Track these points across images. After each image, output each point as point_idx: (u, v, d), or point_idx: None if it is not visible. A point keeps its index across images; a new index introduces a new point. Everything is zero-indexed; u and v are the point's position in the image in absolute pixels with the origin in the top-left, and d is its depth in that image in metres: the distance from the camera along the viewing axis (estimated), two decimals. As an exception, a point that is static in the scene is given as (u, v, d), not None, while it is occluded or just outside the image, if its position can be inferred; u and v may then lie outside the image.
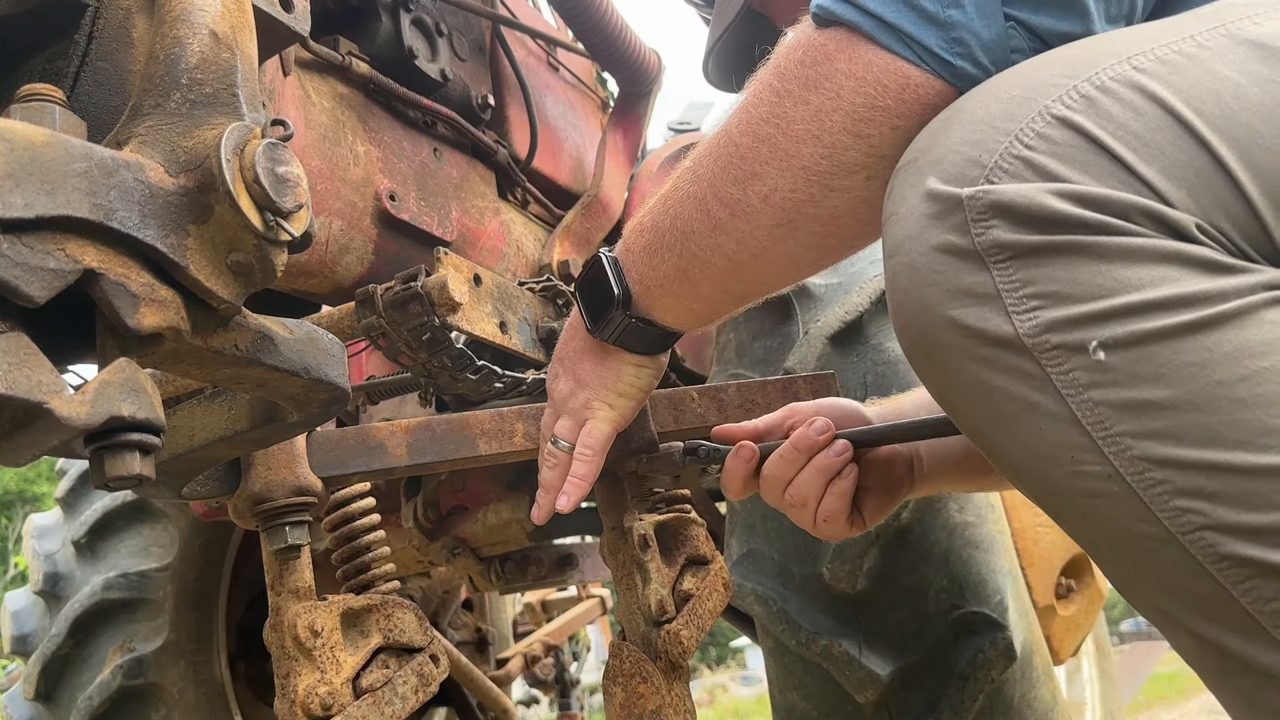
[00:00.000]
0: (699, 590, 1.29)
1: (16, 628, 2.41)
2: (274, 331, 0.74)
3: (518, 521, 2.30)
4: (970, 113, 0.75)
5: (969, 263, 0.71)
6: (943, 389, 0.78)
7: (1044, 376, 0.69)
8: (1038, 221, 0.68)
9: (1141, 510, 0.67)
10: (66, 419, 0.54)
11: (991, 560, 1.58)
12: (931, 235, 0.73)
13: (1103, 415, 0.67)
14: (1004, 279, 0.70)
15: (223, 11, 0.76)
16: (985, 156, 0.72)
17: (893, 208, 0.78)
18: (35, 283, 0.55)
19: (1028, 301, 0.69)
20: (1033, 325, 0.69)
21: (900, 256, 0.76)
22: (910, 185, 0.76)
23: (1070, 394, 0.68)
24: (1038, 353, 0.69)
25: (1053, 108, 0.71)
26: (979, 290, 0.71)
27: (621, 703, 1.21)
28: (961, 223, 0.71)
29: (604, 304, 1.05)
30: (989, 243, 0.70)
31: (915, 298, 0.75)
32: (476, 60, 1.89)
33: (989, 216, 0.70)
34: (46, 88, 0.71)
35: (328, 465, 1.09)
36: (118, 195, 0.61)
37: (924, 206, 0.74)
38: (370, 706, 1.01)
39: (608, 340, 1.07)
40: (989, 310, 0.70)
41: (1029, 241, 0.69)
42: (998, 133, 0.72)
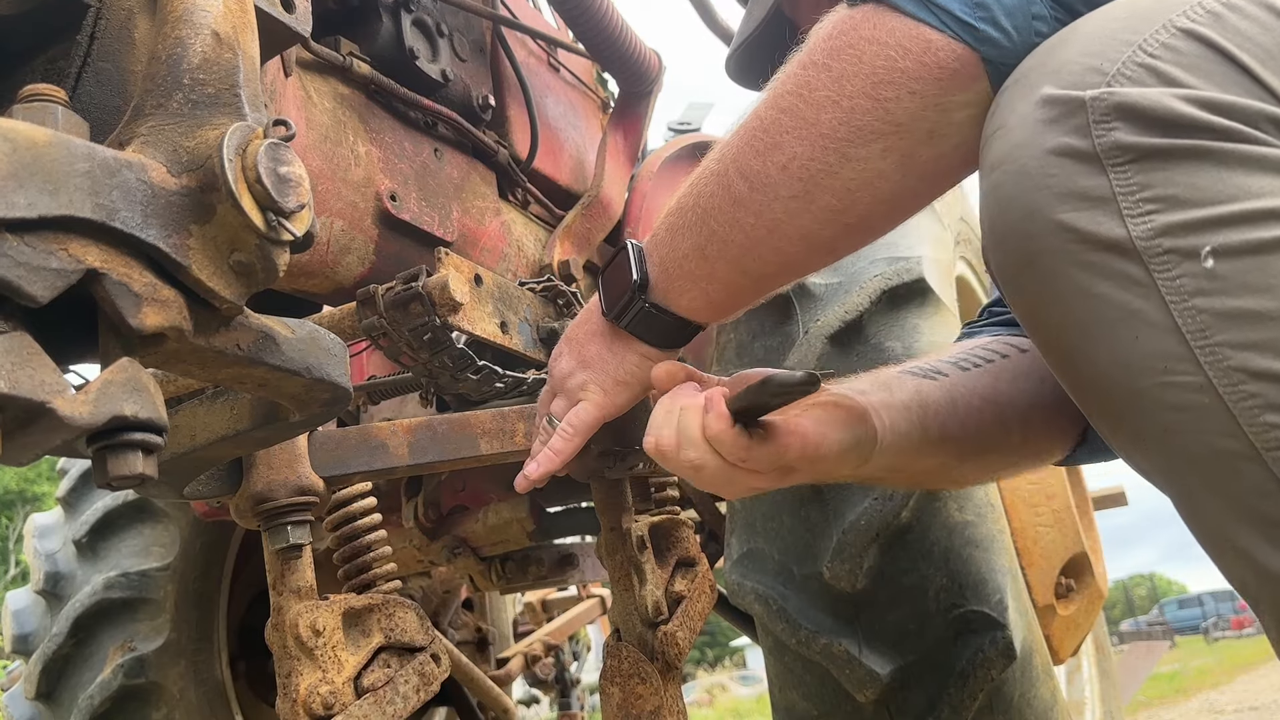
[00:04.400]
0: (690, 591, 1.29)
1: (17, 627, 2.41)
2: (276, 331, 0.74)
3: (518, 521, 2.30)
4: (1087, 31, 0.76)
5: (1086, 165, 0.71)
6: (1037, 300, 0.77)
7: (1150, 282, 0.69)
8: (1162, 124, 0.69)
9: (1229, 424, 0.67)
10: (69, 418, 0.55)
11: (991, 559, 1.58)
12: (1046, 139, 0.73)
13: (1204, 324, 0.67)
14: (1121, 182, 0.70)
15: (225, 12, 0.77)
16: (1107, 65, 0.72)
17: (999, 121, 0.79)
18: (38, 282, 0.55)
19: (1143, 205, 0.69)
20: (1146, 229, 0.69)
21: (1008, 165, 0.76)
22: (1021, 96, 0.77)
23: (1174, 301, 0.68)
24: (1147, 257, 0.69)
25: (1177, 21, 0.72)
26: (1094, 193, 0.71)
27: (619, 703, 1.21)
28: (1082, 124, 0.71)
29: (622, 288, 1.06)
30: (1110, 144, 0.70)
31: (1022, 204, 0.74)
32: (477, 61, 1.89)
33: (1112, 118, 0.70)
34: (49, 88, 0.71)
35: (329, 465, 1.09)
36: (120, 195, 0.62)
37: (1039, 113, 0.74)
38: (372, 705, 1.01)
39: (622, 325, 1.08)
40: (1102, 214, 0.70)
41: (1151, 144, 0.69)
42: (1120, 44, 0.73)
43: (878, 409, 1.09)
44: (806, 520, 1.63)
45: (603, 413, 1.12)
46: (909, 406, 1.13)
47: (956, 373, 1.23)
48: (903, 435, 1.11)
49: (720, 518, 2.19)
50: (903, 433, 1.11)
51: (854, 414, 1.06)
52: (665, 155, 2.40)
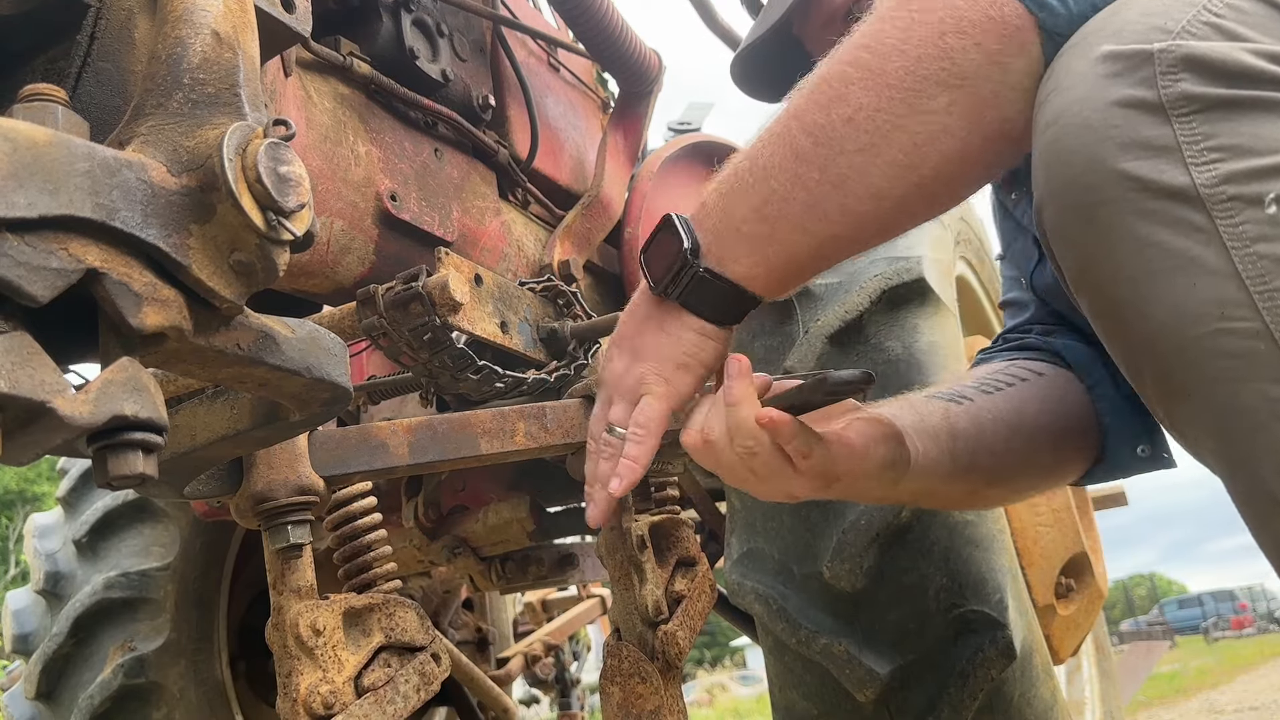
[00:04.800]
0: (690, 591, 1.30)
1: (18, 627, 2.41)
2: (276, 331, 0.74)
3: (518, 521, 2.30)
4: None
5: (1151, 116, 0.73)
6: (1093, 254, 0.78)
7: (1211, 229, 0.70)
8: (1229, 76, 0.71)
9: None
10: (69, 418, 0.55)
11: (991, 559, 1.58)
12: (1110, 92, 0.75)
13: (1265, 269, 0.69)
14: (1185, 131, 0.71)
15: (225, 11, 0.77)
16: (1171, 24, 0.74)
17: (1055, 82, 0.80)
18: (38, 282, 0.55)
19: (1208, 154, 0.71)
20: (1210, 176, 0.70)
21: (1068, 119, 0.77)
22: (1080, 56, 0.79)
23: (1236, 247, 0.69)
24: (1210, 204, 0.70)
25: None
26: (1158, 143, 0.72)
27: (619, 702, 1.21)
28: (1149, 76, 0.73)
29: (670, 256, 1.01)
30: (1176, 95, 0.72)
31: (1084, 156, 0.75)
32: (477, 61, 1.89)
33: (1179, 69, 0.72)
34: (49, 88, 0.71)
35: (329, 464, 1.09)
36: (120, 195, 0.62)
37: (1101, 68, 0.76)
38: (372, 705, 1.01)
39: (672, 297, 1.02)
40: (1165, 162, 0.72)
41: (1218, 95, 0.71)
42: (1183, 4, 0.75)
43: (909, 433, 1.10)
44: (806, 520, 1.63)
45: (669, 404, 1.03)
46: (938, 434, 1.13)
47: (981, 397, 1.23)
48: (934, 461, 1.11)
49: (720, 518, 2.19)
50: (933, 459, 1.11)
51: (891, 432, 1.07)
52: (665, 155, 2.40)
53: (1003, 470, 1.22)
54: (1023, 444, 1.22)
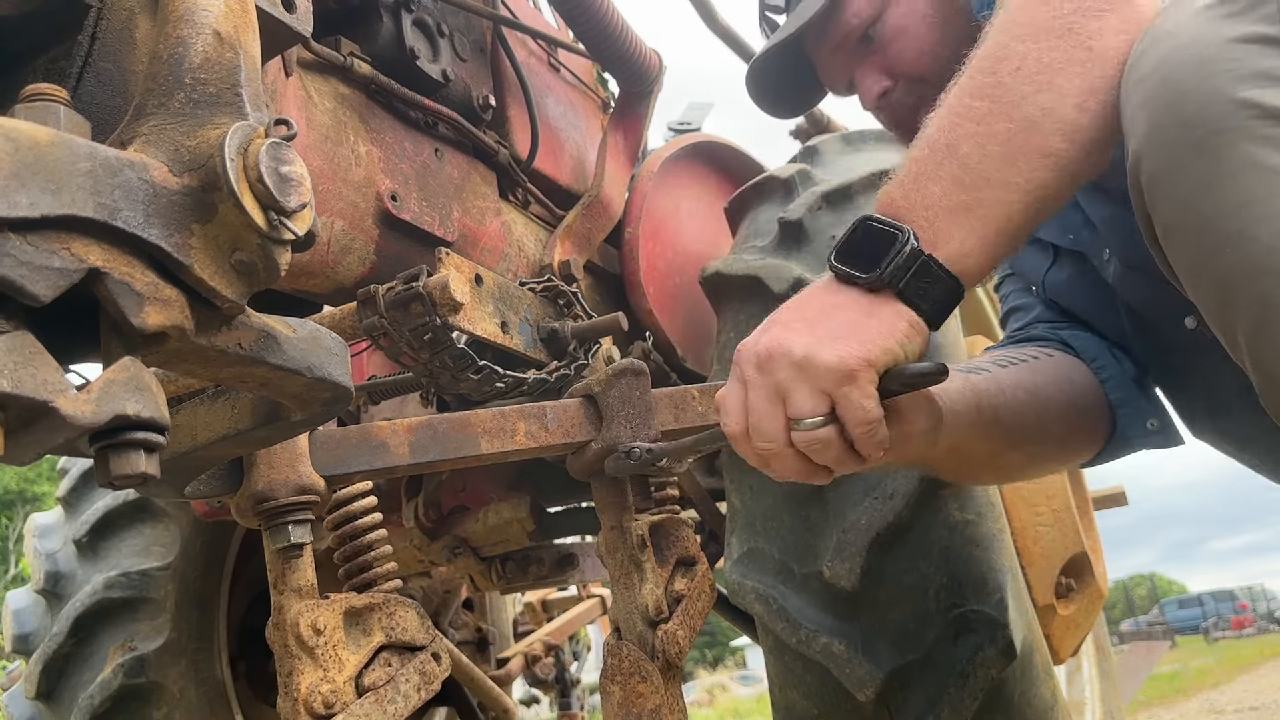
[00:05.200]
0: (690, 591, 1.30)
1: (18, 626, 2.41)
2: (277, 330, 0.74)
3: (519, 521, 2.30)
4: None
5: (1273, 48, 0.77)
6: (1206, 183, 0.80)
7: None
8: None
9: None
10: (72, 418, 0.55)
11: (991, 558, 1.58)
12: (1228, 30, 0.79)
13: None
14: None
15: (226, 12, 0.77)
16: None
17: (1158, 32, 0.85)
18: (41, 282, 0.55)
19: None
20: None
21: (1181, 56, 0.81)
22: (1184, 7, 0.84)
23: None
24: None
25: None
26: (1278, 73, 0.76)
27: (620, 701, 1.21)
28: (1273, 12, 0.77)
29: (883, 247, 0.97)
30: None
31: (1201, 89, 0.78)
32: (478, 61, 1.89)
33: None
34: (51, 88, 0.71)
35: (330, 464, 1.09)
36: (122, 195, 0.62)
37: (1215, 11, 0.80)
38: (373, 705, 1.01)
39: (893, 285, 0.96)
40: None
41: None
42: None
43: (936, 391, 1.09)
44: (806, 519, 1.63)
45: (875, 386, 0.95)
46: (963, 390, 1.15)
47: (997, 369, 1.28)
48: (961, 415, 1.12)
49: (720, 518, 2.19)
50: (960, 412, 1.12)
51: (924, 396, 1.06)
52: (666, 155, 2.40)
53: (1021, 432, 1.23)
54: (1036, 414, 1.24)
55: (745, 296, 1.90)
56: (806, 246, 1.88)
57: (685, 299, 2.33)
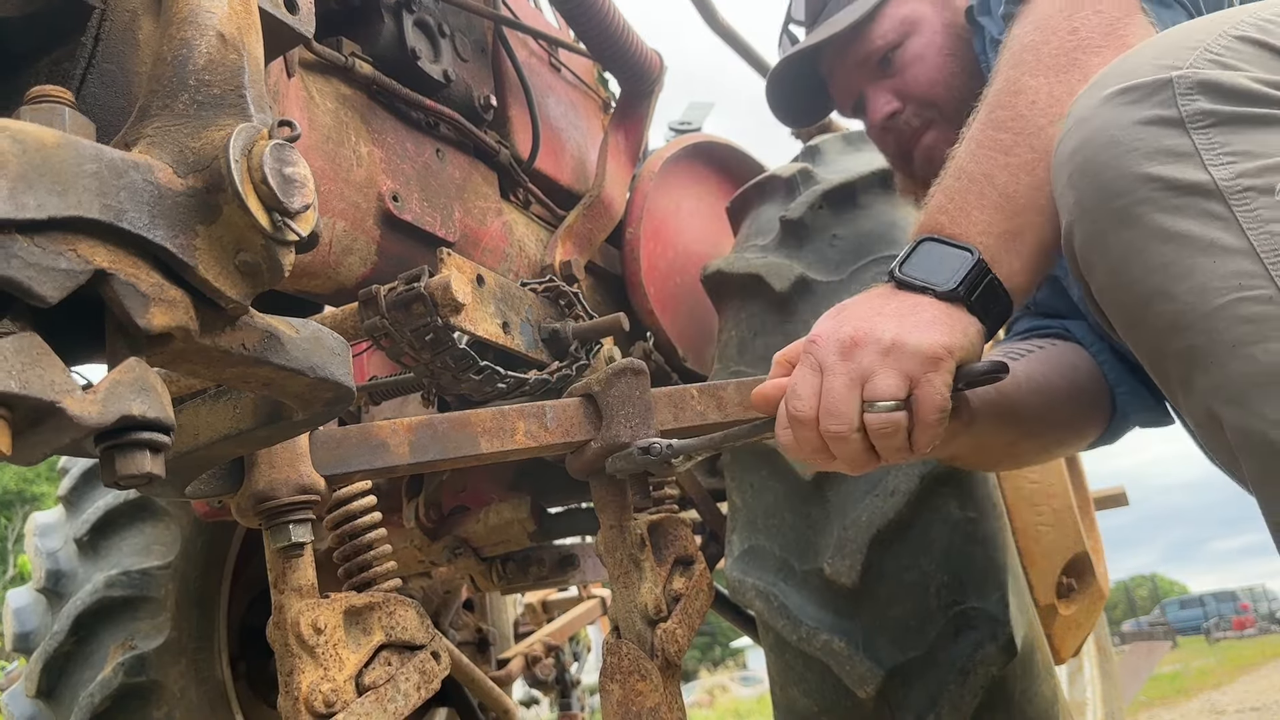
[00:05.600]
0: (688, 590, 1.30)
1: (19, 625, 2.41)
2: (281, 331, 0.75)
3: (519, 522, 2.30)
4: (1152, 44, 0.93)
5: (1172, 129, 0.85)
6: (1127, 249, 0.88)
7: (1230, 215, 0.82)
8: (1238, 96, 0.84)
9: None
10: (79, 418, 0.55)
11: (992, 556, 1.59)
12: (1133, 113, 0.88)
13: (1279, 244, 0.81)
14: (1203, 140, 0.85)
15: (229, 13, 0.77)
16: (1179, 62, 0.88)
17: (1076, 116, 0.93)
18: (48, 283, 0.55)
19: (1223, 157, 0.84)
20: (1227, 173, 0.83)
21: (1095, 139, 0.89)
22: (1095, 95, 0.92)
23: (1252, 228, 0.81)
24: (1229, 194, 0.83)
25: (1231, 31, 0.90)
26: (1179, 150, 0.85)
27: (619, 700, 1.22)
28: (1168, 98, 0.86)
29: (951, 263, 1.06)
30: (1194, 111, 0.85)
31: (1114, 167, 0.88)
32: (479, 61, 1.89)
33: (1194, 91, 0.86)
34: (56, 90, 0.72)
35: (330, 463, 1.09)
36: (128, 196, 0.62)
37: (1122, 98, 0.89)
38: (373, 703, 1.01)
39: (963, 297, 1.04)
40: (1187, 165, 0.84)
41: (1229, 111, 0.84)
42: (1186, 48, 0.89)
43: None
44: (807, 517, 1.64)
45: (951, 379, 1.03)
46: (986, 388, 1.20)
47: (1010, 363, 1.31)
48: (989, 404, 1.20)
49: (721, 519, 2.20)
50: (984, 408, 1.20)
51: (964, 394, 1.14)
52: (667, 155, 2.40)
53: (1035, 422, 1.34)
54: (1046, 403, 1.35)
55: (747, 295, 1.90)
56: (808, 245, 1.88)
57: (686, 299, 2.33)
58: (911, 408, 1.00)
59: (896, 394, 0.99)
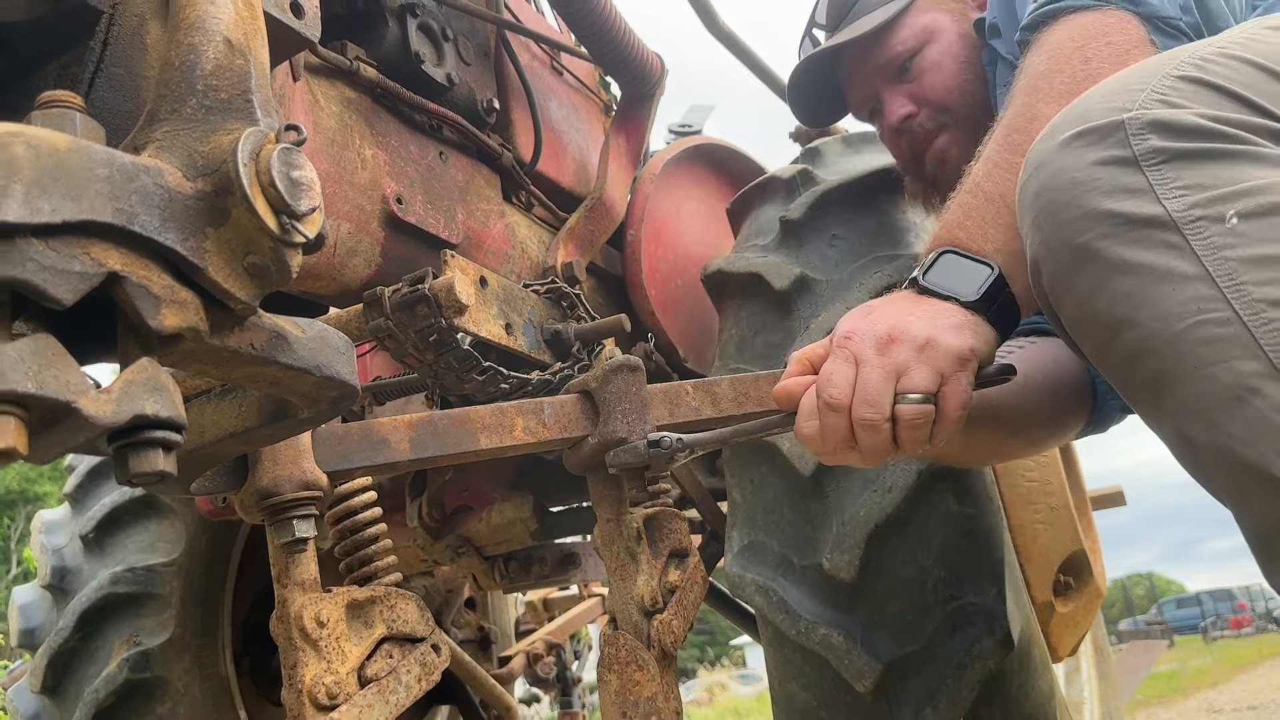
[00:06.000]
0: (683, 582, 1.32)
1: (24, 621, 2.43)
2: (287, 331, 0.76)
3: (521, 521, 2.32)
4: (1100, 89, 0.97)
5: (1127, 168, 0.89)
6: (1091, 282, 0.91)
7: (1185, 244, 0.86)
8: (1187, 132, 0.88)
9: (1252, 346, 0.82)
10: (94, 417, 0.56)
11: (989, 551, 1.60)
12: (1089, 155, 0.91)
13: (1231, 269, 0.84)
14: (1156, 176, 0.88)
15: (236, 18, 0.78)
16: (1129, 102, 0.92)
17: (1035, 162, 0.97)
18: (63, 286, 0.57)
19: (1176, 190, 0.87)
20: (1181, 205, 0.86)
21: (1057, 182, 0.93)
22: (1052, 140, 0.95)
23: (1206, 255, 0.85)
24: (1183, 225, 0.86)
25: (1173, 72, 0.93)
26: (1134, 187, 0.88)
27: (617, 690, 1.23)
28: (1122, 139, 0.90)
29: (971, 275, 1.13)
30: (1147, 150, 0.89)
31: (1075, 206, 0.91)
32: (481, 64, 1.91)
33: (1146, 130, 0.89)
34: (67, 94, 0.73)
35: (332, 460, 1.10)
36: (139, 199, 0.63)
37: (1078, 142, 0.93)
38: (375, 695, 1.03)
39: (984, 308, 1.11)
40: (1143, 200, 0.88)
41: (1179, 148, 0.88)
42: (1133, 91, 0.93)
43: None
44: (806, 512, 1.65)
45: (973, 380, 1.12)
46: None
47: None
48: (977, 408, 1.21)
49: (721, 517, 2.21)
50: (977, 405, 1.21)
51: None
52: (668, 157, 2.42)
53: (1019, 421, 1.40)
54: (1029, 401, 1.39)
55: (747, 294, 1.92)
56: (808, 245, 1.90)
57: (687, 300, 2.34)
58: (938, 403, 1.07)
59: (929, 388, 1.06)
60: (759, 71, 3.10)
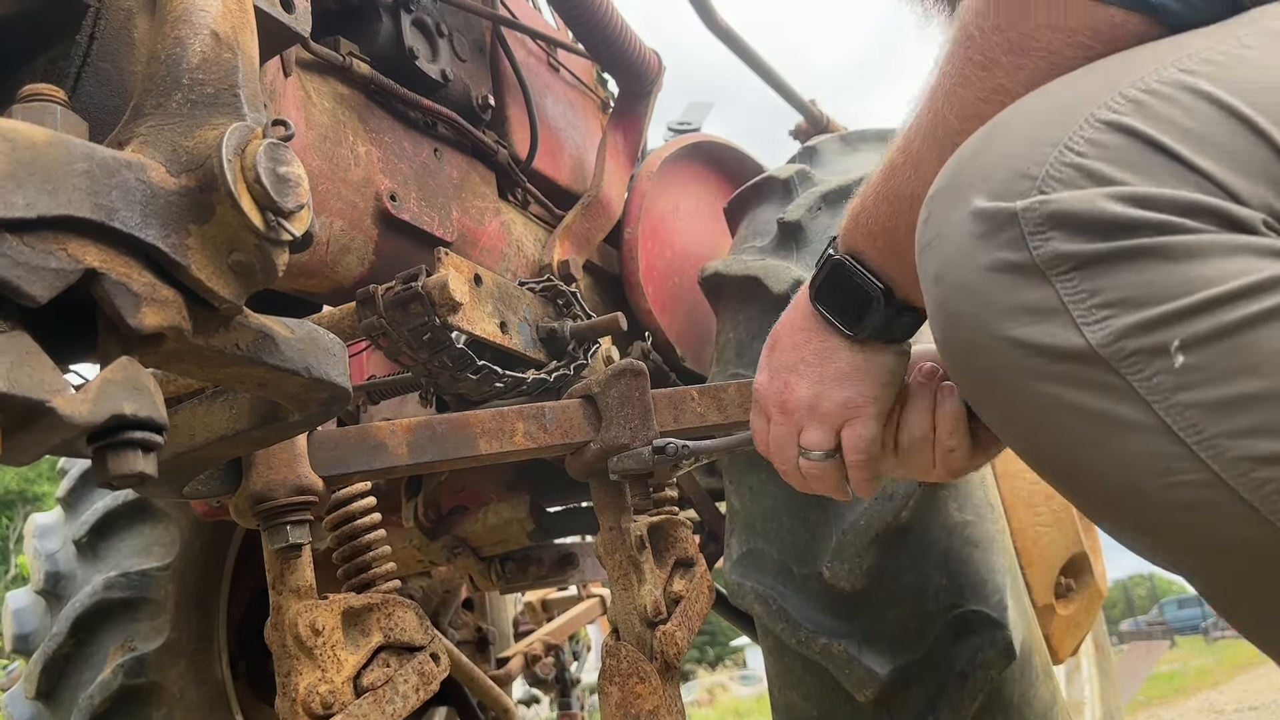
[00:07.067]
0: (688, 592, 1.30)
1: (18, 627, 2.41)
2: (275, 331, 0.74)
3: (518, 521, 2.30)
4: (1011, 127, 0.74)
5: (1028, 278, 0.68)
6: (1009, 416, 0.75)
7: (1125, 386, 0.65)
8: (1099, 228, 0.66)
9: (1251, 515, 0.62)
10: (69, 417, 0.55)
11: (991, 559, 1.58)
12: (981, 255, 0.71)
13: (1194, 418, 0.64)
14: (1069, 291, 0.67)
15: (224, 12, 0.77)
16: (1034, 168, 0.69)
17: (931, 233, 0.77)
18: (37, 282, 0.55)
19: (1097, 311, 0.66)
20: (1105, 334, 0.66)
21: (949, 280, 0.74)
22: (951, 207, 0.74)
23: (1156, 400, 0.65)
24: (1114, 362, 0.65)
25: (1099, 114, 0.69)
26: (1042, 306, 0.68)
27: (618, 702, 1.21)
28: (1016, 237, 0.69)
29: (861, 303, 1.00)
30: (1049, 255, 0.67)
31: (971, 322, 0.72)
32: (477, 61, 1.89)
33: (1046, 228, 0.68)
34: (48, 88, 0.72)
35: (328, 464, 1.09)
36: (119, 195, 0.62)
37: (970, 227, 0.72)
38: (371, 705, 1.01)
39: (870, 338, 1.00)
40: (1055, 325, 0.67)
41: (1091, 250, 0.66)
42: (1044, 143, 0.70)
43: None
44: (806, 520, 1.63)
45: (880, 424, 1.03)
46: None
47: None
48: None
49: (720, 518, 2.19)
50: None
51: None
52: (665, 155, 2.40)
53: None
54: None
55: (744, 297, 1.90)
56: (805, 247, 1.88)
57: (684, 299, 2.33)
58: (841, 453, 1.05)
59: (823, 445, 1.04)
60: (758, 69, 3.08)
